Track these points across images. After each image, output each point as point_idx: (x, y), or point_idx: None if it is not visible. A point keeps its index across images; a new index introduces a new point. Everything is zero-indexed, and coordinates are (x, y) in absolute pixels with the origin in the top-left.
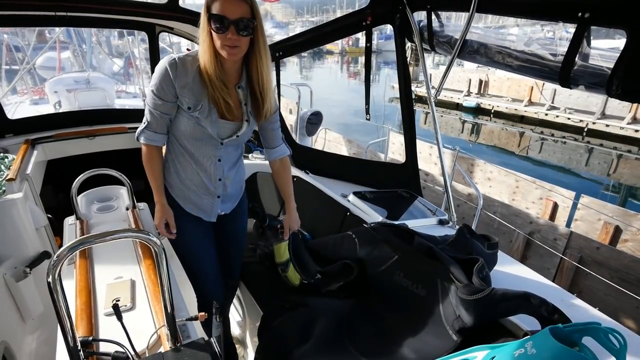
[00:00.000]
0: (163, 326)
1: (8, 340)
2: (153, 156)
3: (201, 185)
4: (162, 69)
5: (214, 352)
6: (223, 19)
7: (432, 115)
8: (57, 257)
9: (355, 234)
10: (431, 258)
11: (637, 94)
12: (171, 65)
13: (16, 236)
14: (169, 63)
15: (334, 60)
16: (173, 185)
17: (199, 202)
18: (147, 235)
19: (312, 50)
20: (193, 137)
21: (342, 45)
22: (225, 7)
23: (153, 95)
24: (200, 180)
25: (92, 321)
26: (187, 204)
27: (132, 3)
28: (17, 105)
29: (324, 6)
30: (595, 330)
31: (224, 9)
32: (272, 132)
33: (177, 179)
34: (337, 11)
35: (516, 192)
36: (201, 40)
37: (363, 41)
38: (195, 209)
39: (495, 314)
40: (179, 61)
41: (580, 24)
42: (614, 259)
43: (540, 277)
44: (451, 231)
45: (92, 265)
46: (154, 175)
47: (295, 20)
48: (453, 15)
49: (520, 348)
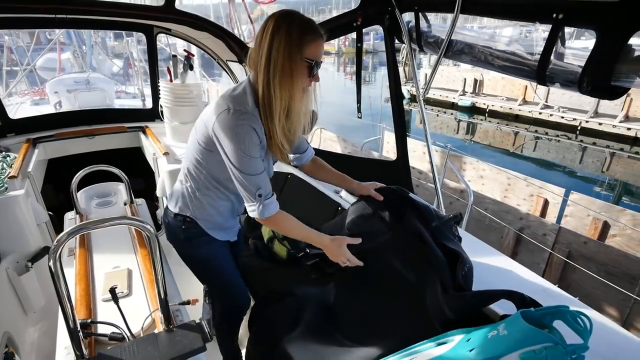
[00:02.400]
0: (157, 310)
1: (11, 331)
2: (287, 217)
3: (233, 210)
4: (248, 132)
5: (204, 333)
6: (318, 64)
7: (421, 113)
8: (57, 242)
9: (350, 208)
10: (422, 242)
11: (605, 90)
12: (255, 124)
13: (18, 232)
14: (250, 124)
15: (330, 61)
16: (209, 220)
17: (228, 226)
18: (142, 223)
19: None
20: None
21: (338, 45)
22: (319, 52)
23: (251, 159)
24: (232, 207)
25: (91, 306)
26: (219, 233)
27: (130, 5)
28: (18, 105)
29: (319, 7)
30: (563, 313)
31: (319, 54)
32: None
33: (213, 211)
34: (332, 11)
35: (508, 190)
36: (286, 81)
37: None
38: (226, 235)
39: (477, 310)
40: (252, 117)
41: (554, 24)
42: (601, 253)
43: (525, 270)
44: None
45: (91, 255)
46: (299, 227)
47: None
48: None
49: (493, 330)
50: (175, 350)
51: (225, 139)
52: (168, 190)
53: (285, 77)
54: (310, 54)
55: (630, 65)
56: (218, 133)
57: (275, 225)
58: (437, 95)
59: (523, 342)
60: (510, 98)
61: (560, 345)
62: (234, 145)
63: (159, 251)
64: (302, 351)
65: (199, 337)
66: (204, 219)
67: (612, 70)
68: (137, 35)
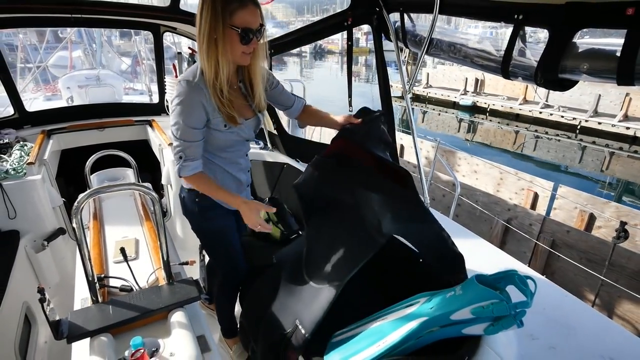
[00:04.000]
0: (159, 268)
1: (29, 302)
2: (202, 178)
3: (236, 182)
4: (189, 100)
5: (199, 286)
6: (248, 31)
7: (407, 106)
8: (77, 202)
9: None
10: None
11: (555, 82)
12: (198, 92)
13: (35, 213)
14: (194, 90)
15: (334, 60)
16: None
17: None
18: (148, 188)
19: (313, 50)
20: (228, 147)
21: (342, 44)
22: (248, 19)
23: (187, 127)
24: (235, 178)
25: (104, 267)
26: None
27: (138, 6)
28: (31, 101)
29: (324, 6)
30: (511, 276)
31: (248, 21)
32: (281, 94)
33: (219, 183)
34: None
35: (500, 184)
36: (212, 50)
37: (363, 41)
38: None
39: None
40: (196, 84)
41: (516, 24)
42: (582, 241)
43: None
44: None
45: (102, 227)
46: (212, 188)
47: (296, 20)
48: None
49: (451, 291)
50: (175, 298)
51: (171, 105)
52: (172, 178)
53: (211, 45)
54: (239, 21)
55: (574, 60)
56: (170, 102)
57: (193, 183)
58: (438, 94)
59: (474, 299)
60: (511, 97)
61: (505, 302)
62: (174, 112)
63: (161, 214)
64: (280, 310)
65: (195, 290)
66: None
67: (558, 64)
68: (144, 34)
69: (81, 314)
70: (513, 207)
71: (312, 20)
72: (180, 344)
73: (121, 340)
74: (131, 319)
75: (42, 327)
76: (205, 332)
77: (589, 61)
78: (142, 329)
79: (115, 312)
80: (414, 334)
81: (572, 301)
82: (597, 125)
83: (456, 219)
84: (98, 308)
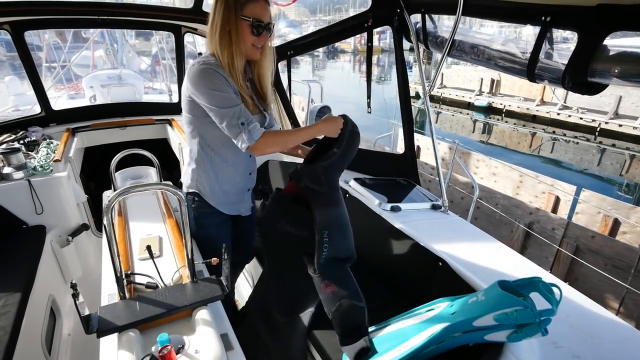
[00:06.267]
0: (184, 266)
1: (54, 295)
2: (277, 132)
3: (238, 184)
4: (213, 73)
5: (222, 285)
6: (259, 23)
7: (427, 108)
8: (109, 201)
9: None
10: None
11: (583, 86)
12: (222, 72)
13: (61, 209)
14: (219, 69)
15: (346, 59)
16: (215, 192)
17: (237, 201)
18: (174, 188)
19: (326, 49)
20: (230, 141)
21: (354, 44)
22: (262, 12)
23: (229, 95)
24: (237, 180)
25: (129, 263)
26: (226, 207)
27: (162, 8)
28: (56, 99)
29: (336, 5)
30: (536, 283)
31: (259, 14)
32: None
33: (216, 186)
34: (349, 10)
35: (520, 187)
36: (225, 40)
37: (375, 40)
38: (235, 209)
39: None
40: (218, 66)
41: (543, 26)
42: (608, 247)
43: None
44: (443, 215)
45: (127, 225)
46: (287, 134)
47: (308, 19)
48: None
49: (473, 297)
50: (200, 296)
51: (196, 86)
52: None
53: (224, 36)
54: (249, 12)
55: (604, 63)
56: (190, 86)
57: (270, 144)
58: (453, 95)
59: (497, 305)
60: (528, 98)
61: (529, 309)
62: (203, 87)
63: (186, 212)
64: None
65: (218, 288)
66: (210, 192)
67: (587, 68)
68: (164, 35)
69: (110, 309)
70: (535, 211)
71: (324, 19)
72: (204, 341)
73: (147, 336)
74: (157, 316)
75: (66, 320)
76: (228, 330)
77: (621, 64)
78: (167, 325)
79: (142, 309)
80: (436, 339)
81: (596, 309)
82: (617, 128)
83: (475, 222)
84: (125, 304)
